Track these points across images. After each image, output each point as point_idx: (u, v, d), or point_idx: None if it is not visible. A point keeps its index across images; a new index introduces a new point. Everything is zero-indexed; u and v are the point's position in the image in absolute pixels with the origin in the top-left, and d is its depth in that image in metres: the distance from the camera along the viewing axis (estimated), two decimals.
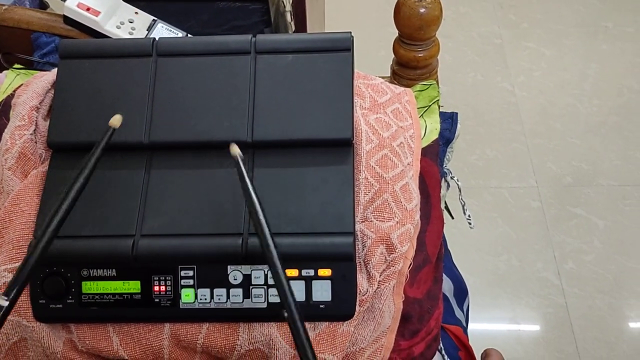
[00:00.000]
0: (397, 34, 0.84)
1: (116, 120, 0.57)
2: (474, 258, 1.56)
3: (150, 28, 0.92)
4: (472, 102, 1.90)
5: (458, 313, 0.78)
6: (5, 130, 0.67)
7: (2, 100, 0.74)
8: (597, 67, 2.00)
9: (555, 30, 2.11)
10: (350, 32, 0.68)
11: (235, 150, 0.55)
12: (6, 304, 0.47)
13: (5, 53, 0.91)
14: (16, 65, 0.83)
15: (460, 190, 0.79)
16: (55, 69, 0.69)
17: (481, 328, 1.45)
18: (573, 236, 1.58)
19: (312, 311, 0.60)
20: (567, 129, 1.82)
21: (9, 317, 0.60)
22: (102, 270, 0.60)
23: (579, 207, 1.64)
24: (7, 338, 0.60)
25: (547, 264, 1.54)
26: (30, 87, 0.69)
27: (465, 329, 0.78)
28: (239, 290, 0.60)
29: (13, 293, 0.48)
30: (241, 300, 0.60)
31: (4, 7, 0.93)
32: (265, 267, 0.60)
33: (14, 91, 0.72)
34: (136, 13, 0.93)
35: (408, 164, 0.67)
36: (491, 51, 2.05)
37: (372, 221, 0.63)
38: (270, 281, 0.60)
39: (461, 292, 0.81)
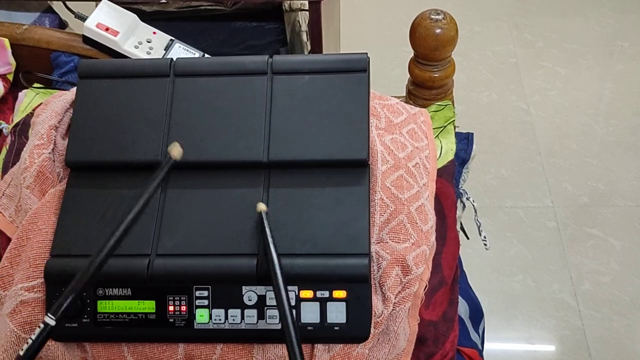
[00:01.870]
0: (412, 53, 0.84)
1: (176, 152, 0.57)
2: (489, 278, 1.54)
3: (167, 47, 0.93)
4: (486, 121, 1.90)
5: (474, 336, 0.78)
6: (24, 149, 0.68)
7: (21, 119, 0.75)
8: (612, 86, 1.98)
9: (571, 49, 2.10)
10: (367, 53, 0.68)
11: (261, 206, 0.58)
12: (53, 322, 0.48)
13: (25, 72, 0.93)
14: (36, 85, 0.84)
15: (475, 211, 0.79)
16: (74, 88, 0.70)
17: (496, 348, 1.43)
18: (589, 257, 1.57)
19: (327, 333, 0.59)
20: (583, 148, 1.81)
21: (24, 336, 0.60)
22: (117, 289, 0.60)
23: (596, 228, 1.62)
24: None
25: (563, 285, 1.52)
26: (49, 106, 0.70)
27: (480, 352, 0.77)
28: (254, 311, 0.60)
29: (60, 312, 0.48)
30: (255, 321, 0.60)
31: (24, 27, 0.95)
32: None
33: (33, 110, 0.73)
34: (154, 33, 0.94)
35: (424, 184, 0.67)
36: (506, 70, 2.05)
37: (387, 242, 0.62)
38: None
39: (477, 314, 0.80)
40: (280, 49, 1.16)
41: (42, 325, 0.48)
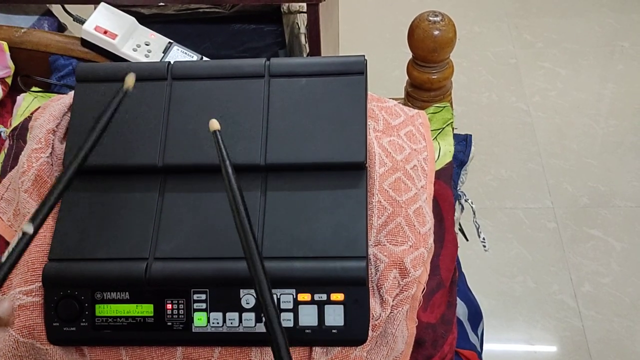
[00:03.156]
0: (411, 55, 0.84)
1: (130, 80, 0.56)
2: (489, 280, 1.54)
3: (166, 50, 0.93)
4: (486, 122, 1.90)
5: (472, 338, 0.77)
6: (22, 152, 0.68)
7: (19, 123, 0.75)
8: (613, 87, 1.98)
9: (571, 50, 2.10)
10: (364, 56, 0.68)
11: (214, 125, 0.56)
12: (31, 230, 0.48)
13: (23, 75, 0.93)
14: (34, 88, 0.84)
15: (474, 213, 0.79)
16: (72, 92, 0.70)
17: (497, 350, 1.43)
18: (590, 258, 1.56)
19: (325, 336, 0.59)
20: (583, 149, 1.81)
21: (23, 339, 0.60)
22: (115, 293, 0.60)
23: (596, 229, 1.62)
24: None
25: (564, 286, 1.52)
26: (47, 110, 0.70)
27: (479, 354, 0.77)
28: (252, 314, 0.60)
29: (38, 220, 0.49)
30: (253, 325, 0.59)
31: (22, 30, 0.95)
32: (279, 291, 0.59)
33: (32, 114, 0.73)
34: (152, 36, 0.94)
35: (422, 187, 0.67)
36: (506, 71, 2.05)
37: (385, 245, 0.62)
38: (283, 305, 0.59)
39: (475, 316, 0.80)
40: (279, 51, 1.16)
41: (20, 234, 0.49)
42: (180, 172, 0.64)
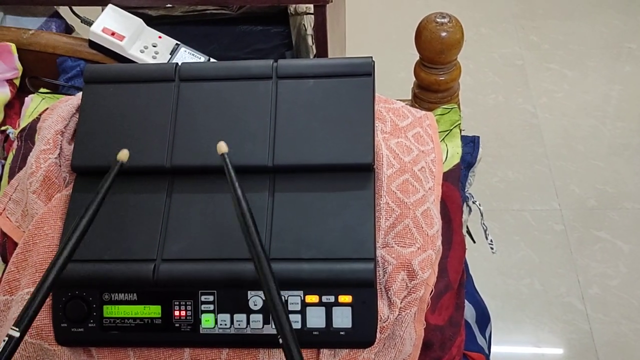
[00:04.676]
0: (418, 56, 0.84)
1: (124, 155, 0.58)
2: (496, 282, 1.53)
3: (173, 52, 0.93)
4: (493, 124, 1.89)
5: (480, 340, 0.77)
6: (31, 154, 0.68)
7: (27, 124, 0.76)
8: (620, 88, 1.98)
9: (578, 51, 2.10)
10: (371, 57, 0.68)
11: (222, 147, 0.56)
12: (17, 334, 0.47)
13: (31, 77, 0.93)
14: (42, 90, 0.84)
15: (482, 215, 0.79)
16: (80, 93, 0.70)
17: (504, 352, 1.43)
18: (597, 260, 1.56)
19: (333, 338, 0.59)
20: (590, 151, 1.80)
21: (31, 340, 0.60)
22: (123, 294, 0.60)
23: (603, 231, 1.61)
24: None
25: (571, 288, 1.51)
26: (55, 112, 0.70)
27: (487, 357, 0.77)
28: (259, 316, 0.59)
29: (24, 324, 0.48)
30: (261, 326, 0.59)
31: (30, 32, 0.95)
32: (287, 293, 0.59)
33: (40, 115, 0.73)
34: (160, 37, 0.95)
35: (429, 188, 0.67)
36: (513, 72, 2.04)
37: (393, 247, 0.62)
38: (291, 307, 0.59)
39: (483, 319, 0.80)
40: (286, 52, 1.16)
41: (6, 339, 0.47)
42: (187, 173, 0.65)
